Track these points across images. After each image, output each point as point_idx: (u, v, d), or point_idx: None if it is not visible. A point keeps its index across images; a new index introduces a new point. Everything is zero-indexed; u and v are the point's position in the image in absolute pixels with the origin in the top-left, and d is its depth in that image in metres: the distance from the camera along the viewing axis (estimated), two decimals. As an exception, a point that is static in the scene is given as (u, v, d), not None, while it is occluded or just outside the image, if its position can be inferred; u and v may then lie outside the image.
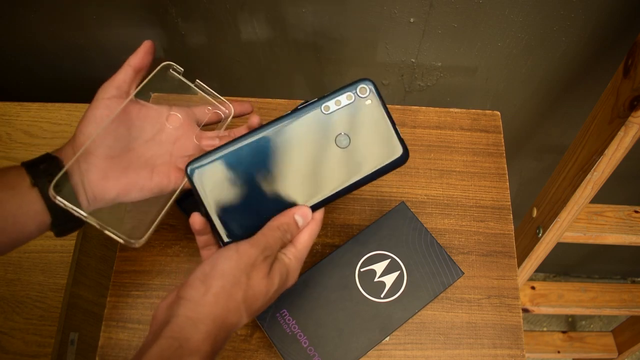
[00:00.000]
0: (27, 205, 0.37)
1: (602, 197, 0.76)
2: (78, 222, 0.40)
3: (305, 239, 0.38)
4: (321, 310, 0.46)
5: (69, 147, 0.41)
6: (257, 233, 0.37)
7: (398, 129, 0.40)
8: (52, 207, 0.38)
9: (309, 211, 0.38)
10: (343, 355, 0.45)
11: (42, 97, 0.82)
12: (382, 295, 0.47)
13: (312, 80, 0.81)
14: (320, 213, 0.39)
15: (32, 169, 0.38)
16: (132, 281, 0.54)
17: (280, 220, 0.38)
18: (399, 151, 0.40)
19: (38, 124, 0.78)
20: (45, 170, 0.38)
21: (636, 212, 0.81)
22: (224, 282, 0.34)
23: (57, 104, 0.79)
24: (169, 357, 0.31)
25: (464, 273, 0.49)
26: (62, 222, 0.39)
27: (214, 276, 0.34)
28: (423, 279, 0.48)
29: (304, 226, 0.39)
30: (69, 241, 0.69)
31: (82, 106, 0.79)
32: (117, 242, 0.41)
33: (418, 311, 0.47)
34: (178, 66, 0.47)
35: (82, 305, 0.74)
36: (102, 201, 0.40)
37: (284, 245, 0.38)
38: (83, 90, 0.86)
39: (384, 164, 0.40)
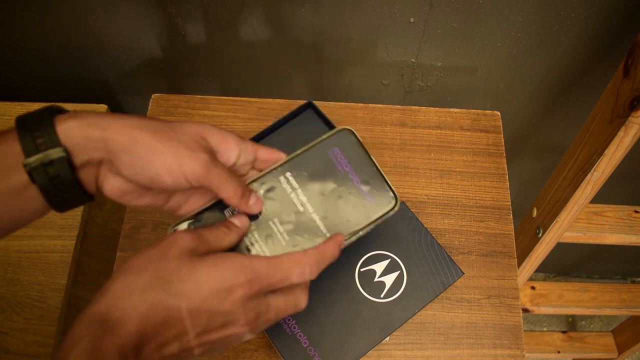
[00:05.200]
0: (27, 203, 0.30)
1: (602, 197, 0.76)
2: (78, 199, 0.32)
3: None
4: (321, 310, 0.46)
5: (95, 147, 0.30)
6: None
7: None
8: (48, 195, 0.30)
9: (245, 217, 0.35)
10: (343, 355, 0.45)
11: (42, 97, 0.82)
12: (382, 295, 0.47)
13: (312, 80, 0.81)
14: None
15: (35, 170, 0.29)
16: (132, 281, 0.54)
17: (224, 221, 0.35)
18: None
19: (38, 124, 0.78)
20: (47, 165, 0.29)
21: (636, 212, 0.81)
22: (125, 267, 0.29)
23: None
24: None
25: (464, 273, 0.49)
26: (61, 202, 0.32)
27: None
28: (423, 279, 0.48)
29: (243, 229, 0.34)
30: (69, 241, 0.69)
31: (81, 106, 0.79)
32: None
33: (418, 311, 0.47)
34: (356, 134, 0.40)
35: (82, 305, 0.74)
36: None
37: (228, 244, 0.33)
38: (83, 90, 0.86)
39: None
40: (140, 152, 0.30)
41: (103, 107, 0.79)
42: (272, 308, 0.32)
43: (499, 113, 0.64)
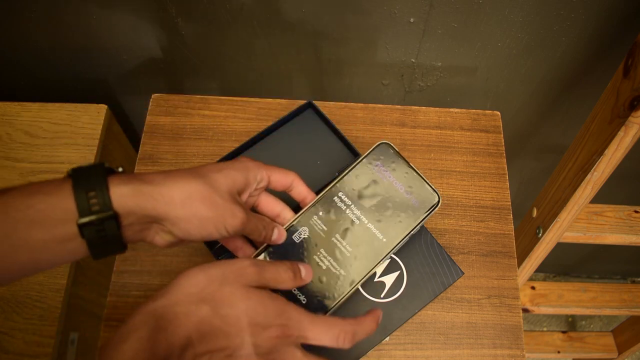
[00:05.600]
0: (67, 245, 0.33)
1: (602, 197, 0.76)
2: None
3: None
4: None
5: (144, 198, 0.33)
6: None
7: None
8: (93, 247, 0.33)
9: (308, 268, 0.40)
10: (343, 355, 0.45)
11: (42, 97, 0.82)
12: (382, 295, 0.47)
13: (312, 80, 0.81)
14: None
15: (87, 226, 0.32)
16: (132, 281, 0.54)
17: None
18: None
19: (38, 124, 0.78)
20: (101, 232, 0.32)
21: (636, 212, 0.81)
22: (181, 278, 0.33)
23: (57, 104, 0.79)
24: None
25: (463, 273, 0.49)
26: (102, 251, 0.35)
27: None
28: (423, 279, 0.48)
29: (306, 278, 0.39)
30: (69, 241, 0.69)
31: (81, 106, 0.80)
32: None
33: (418, 311, 0.47)
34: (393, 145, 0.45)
35: (82, 305, 0.74)
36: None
37: (281, 283, 0.37)
38: (83, 90, 0.86)
39: None
40: (194, 221, 0.34)
41: (103, 107, 0.79)
42: None
43: (499, 113, 0.64)
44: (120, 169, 0.35)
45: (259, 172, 0.39)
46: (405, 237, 0.41)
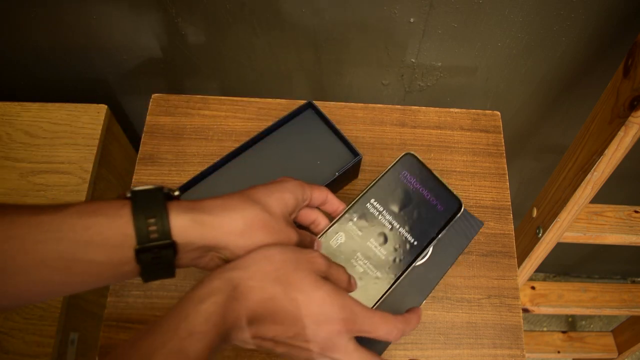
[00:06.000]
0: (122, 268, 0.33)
1: (602, 197, 0.76)
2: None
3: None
4: None
5: (197, 228, 0.34)
6: None
7: None
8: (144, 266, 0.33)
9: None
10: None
11: (42, 97, 0.82)
12: None
13: (312, 80, 0.81)
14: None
15: (144, 253, 0.32)
16: (132, 281, 0.54)
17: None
18: None
19: (38, 124, 0.78)
20: (157, 258, 0.33)
21: (636, 212, 0.81)
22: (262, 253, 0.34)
23: (57, 104, 0.79)
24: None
25: (483, 223, 0.50)
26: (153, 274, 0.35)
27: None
28: (448, 236, 0.50)
29: (354, 287, 0.40)
30: (69, 241, 0.69)
31: (81, 106, 0.80)
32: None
33: (450, 267, 0.49)
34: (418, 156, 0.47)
35: (82, 305, 0.74)
36: None
37: (343, 284, 0.38)
38: (83, 90, 0.86)
39: None
40: (254, 249, 0.35)
41: (103, 107, 0.79)
42: (349, 354, 0.35)
43: (499, 113, 0.64)
44: (176, 193, 0.35)
45: (304, 192, 0.41)
46: (433, 239, 0.44)
